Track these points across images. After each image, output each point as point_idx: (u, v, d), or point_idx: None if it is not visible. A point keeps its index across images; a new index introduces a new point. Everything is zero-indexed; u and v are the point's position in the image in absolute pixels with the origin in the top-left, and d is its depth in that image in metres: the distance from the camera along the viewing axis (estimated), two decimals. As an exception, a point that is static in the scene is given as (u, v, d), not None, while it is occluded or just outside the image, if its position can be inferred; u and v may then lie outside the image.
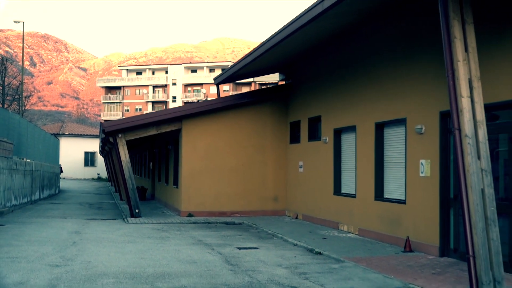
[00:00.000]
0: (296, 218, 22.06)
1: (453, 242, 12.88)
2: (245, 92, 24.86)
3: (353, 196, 17.62)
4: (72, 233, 17.35)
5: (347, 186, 18.33)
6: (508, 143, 11.22)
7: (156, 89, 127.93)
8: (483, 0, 11.34)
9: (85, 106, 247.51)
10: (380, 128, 16.21)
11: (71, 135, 74.95)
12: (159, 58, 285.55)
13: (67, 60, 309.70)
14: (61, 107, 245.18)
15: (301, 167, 21.95)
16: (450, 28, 9.70)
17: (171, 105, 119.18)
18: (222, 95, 28.38)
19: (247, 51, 35.89)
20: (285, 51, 19.81)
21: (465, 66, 9.68)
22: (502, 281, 9.16)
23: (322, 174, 19.90)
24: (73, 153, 72.90)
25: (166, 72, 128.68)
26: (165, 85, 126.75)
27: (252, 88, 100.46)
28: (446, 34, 9.74)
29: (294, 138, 23.00)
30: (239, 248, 14.56)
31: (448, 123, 12.51)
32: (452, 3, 9.73)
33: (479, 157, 9.46)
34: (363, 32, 16.95)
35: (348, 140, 18.35)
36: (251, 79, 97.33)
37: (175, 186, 24.77)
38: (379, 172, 16.20)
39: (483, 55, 10.68)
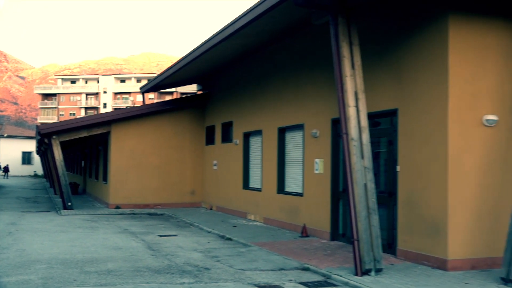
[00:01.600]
0: (211, 209, 22.03)
1: (342, 228, 13.21)
2: (168, 100, 24.66)
3: (259, 190, 17.76)
4: (8, 224, 16.62)
5: (255, 181, 18.46)
6: (387, 145, 11.61)
7: (89, 97, 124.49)
8: (367, 25, 11.69)
9: (23, 111, 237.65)
10: (282, 132, 16.43)
11: (10, 136, 72.07)
12: (91, 69, 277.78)
13: (7, 69, 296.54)
14: (1, 111, 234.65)
15: (215, 165, 21.93)
16: (340, 48, 9.93)
17: (102, 110, 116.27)
18: (147, 102, 27.99)
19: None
20: (202, 65, 19.76)
21: (352, 80, 9.94)
22: (380, 260, 9.47)
23: (233, 171, 19.96)
24: (11, 152, 70.42)
25: (98, 82, 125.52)
26: (97, 93, 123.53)
27: (174, 97, 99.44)
28: (336, 54, 9.96)
29: (210, 140, 22.95)
30: (160, 236, 14.39)
31: (338, 129, 12.78)
32: (341, 28, 9.97)
33: (363, 157, 9.73)
34: (270, 49, 17.11)
35: (255, 142, 18.49)
36: (173, 89, 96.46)
37: (104, 182, 24.22)
38: (281, 170, 16.42)
39: (367, 71, 11.00)
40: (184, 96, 26.01)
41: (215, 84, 22.68)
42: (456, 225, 9.74)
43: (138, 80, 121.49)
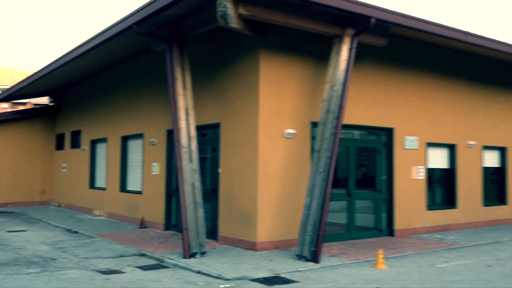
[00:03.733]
0: (59, 206, 20.59)
1: (174, 220, 13.17)
2: (21, 110, 22.72)
3: (104, 189, 17.03)
4: None
5: (100, 181, 17.65)
6: (211, 152, 11.83)
7: None
8: (198, 54, 11.85)
9: None
10: (125, 140, 15.96)
11: None
12: None
13: None
14: None
15: (64, 168, 20.58)
16: (174, 72, 9.96)
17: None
18: (1, 111, 25.42)
19: (23, 78, 32.62)
20: (54, 80, 18.48)
21: (184, 99, 10.01)
22: (204, 245, 9.61)
23: (81, 173, 18.90)
24: None
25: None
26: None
27: (28, 107, 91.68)
28: (171, 76, 9.97)
29: (60, 146, 21.45)
30: (9, 231, 13.13)
31: (172, 138, 12.74)
32: (176, 55, 10.01)
33: (191, 161, 9.83)
34: (116, 68, 16.51)
35: (101, 148, 17.71)
36: (27, 100, 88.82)
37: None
38: (123, 172, 15.93)
39: (197, 91, 11.14)
40: (37, 106, 24.14)
41: (66, 96, 21.32)
42: (264, 215, 10.22)
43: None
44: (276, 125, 10.47)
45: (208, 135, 12.09)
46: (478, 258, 9.87)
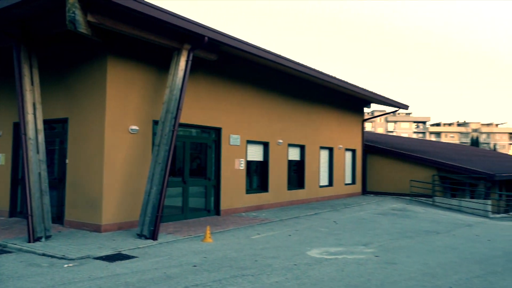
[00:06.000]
0: None
1: (20, 207, 11.77)
2: None
3: None
4: None
5: None
6: (59, 144, 10.86)
7: None
8: (51, 54, 10.77)
9: None
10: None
11: None
12: None
13: None
14: None
15: None
16: (22, 69, 8.90)
17: None
18: None
19: None
20: None
21: (31, 94, 9.01)
22: (50, 229, 8.77)
23: None
24: None
25: None
26: None
27: None
28: (18, 72, 8.89)
29: None
30: None
31: (19, 130, 11.38)
32: (23, 53, 8.97)
33: (38, 152, 8.89)
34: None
35: None
36: None
37: None
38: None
39: (47, 88, 10.14)
40: None
41: None
42: (108, 200, 9.73)
43: None
44: (121, 122, 10.05)
45: (57, 129, 11.05)
46: (282, 230, 10.74)
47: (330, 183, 18.74)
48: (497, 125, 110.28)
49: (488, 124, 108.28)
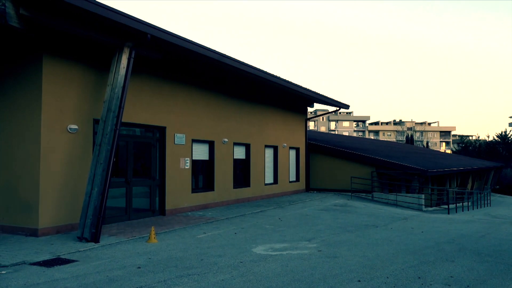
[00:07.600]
0: None
1: None
2: None
3: None
4: None
5: None
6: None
7: None
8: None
9: None
10: None
11: None
12: None
13: None
14: None
15: None
16: None
17: None
18: None
19: None
20: None
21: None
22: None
23: None
24: None
25: None
26: None
27: None
28: None
29: None
30: None
31: None
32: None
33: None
34: None
35: None
36: None
37: None
38: None
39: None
40: None
41: None
42: (46, 203, 9.25)
43: None
44: (59, 121, 9.58)
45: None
46: (228, 228, 10.76)
47: (275, 181, 19.01)
48: (429, 124, 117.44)
49: (421, 123, 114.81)
